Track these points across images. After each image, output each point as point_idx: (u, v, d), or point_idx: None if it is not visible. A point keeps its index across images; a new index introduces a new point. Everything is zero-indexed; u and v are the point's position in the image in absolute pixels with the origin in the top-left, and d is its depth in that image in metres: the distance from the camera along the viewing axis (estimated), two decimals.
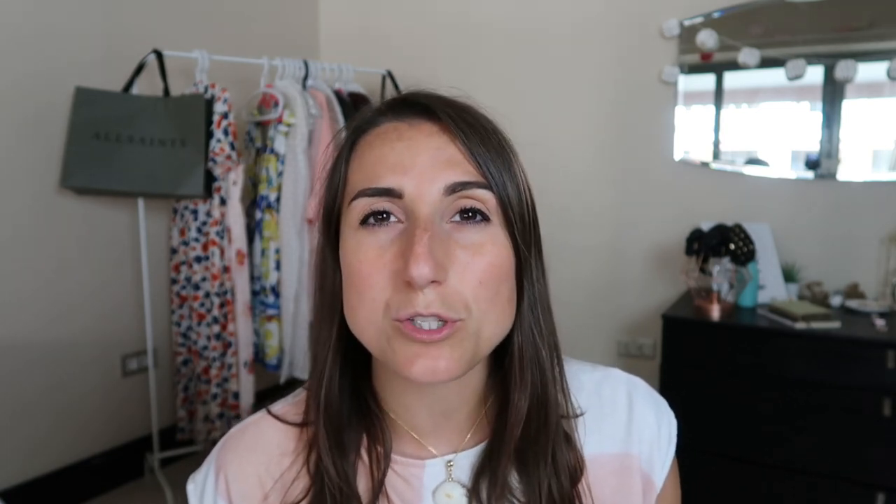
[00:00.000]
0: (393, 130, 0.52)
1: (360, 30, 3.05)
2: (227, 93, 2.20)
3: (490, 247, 0.50)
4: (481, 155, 0.51)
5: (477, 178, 0.50)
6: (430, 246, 0.47)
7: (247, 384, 2.26)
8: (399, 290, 0.48)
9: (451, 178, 0.49)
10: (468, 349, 0.50)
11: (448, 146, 0.51)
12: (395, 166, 0.50)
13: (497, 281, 0.50)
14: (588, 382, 0.62)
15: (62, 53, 2.17)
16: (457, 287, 0.48)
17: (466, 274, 0.49)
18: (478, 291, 0.49)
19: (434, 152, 0.50)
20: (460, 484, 0.57)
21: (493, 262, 0.50)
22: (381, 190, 0.50)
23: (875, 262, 2.16)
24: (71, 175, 2.06)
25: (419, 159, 0.50)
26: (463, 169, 0.50)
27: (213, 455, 0.61)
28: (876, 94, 2.16)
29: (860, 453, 1.77)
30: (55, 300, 2.21)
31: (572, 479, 0.56)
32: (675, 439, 0.62)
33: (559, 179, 2.59)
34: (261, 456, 0.59)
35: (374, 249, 0.49)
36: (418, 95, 0.54)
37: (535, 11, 2.63)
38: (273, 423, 0.60)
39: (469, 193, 0.50)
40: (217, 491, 0.58)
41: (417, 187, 0.49)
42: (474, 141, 0.51)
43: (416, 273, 0.46)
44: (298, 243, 2.27)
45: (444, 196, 0.49)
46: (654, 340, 2.49)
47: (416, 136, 0.51)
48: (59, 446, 2.25)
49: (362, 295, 0.50)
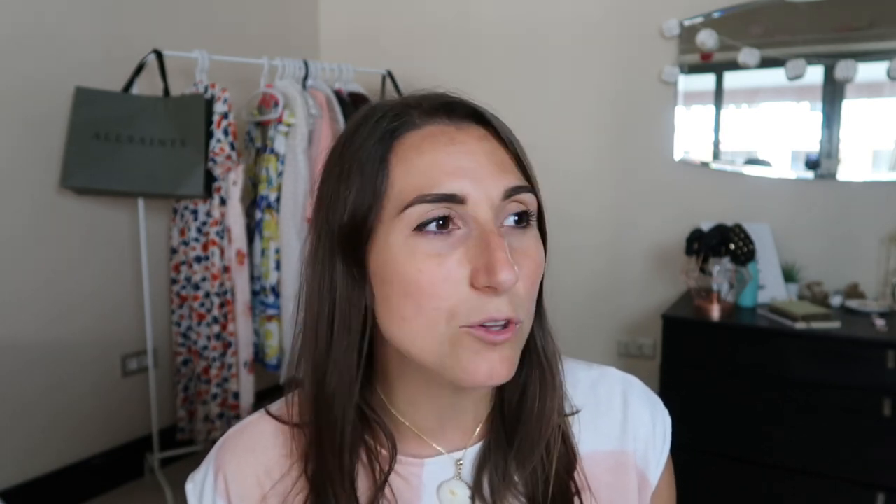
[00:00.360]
0: (441, 134, 0.51)
1: (360, 30, 3.05)
2: (227, 93, 2.20)
3: (534, 250, 0.52)
4: (524, 159, 0.53)
5: (524, 182, 0.52)
6: (508, 251, 0.48)
7: (247, 384, 2.26)
8: (470, 296, 0.48)
9: (507, 183, 0.50)
10: (519, 349, 0.52)
11: (498, 150, 0.52)
12: (454, 171, 0.49)
13: (537, 283, 0.52)
14: (584, 380, 0.63)
15: (62, 53, 2.17)
16: (519, 290, 0.50)
17: (523, 277, 0.50)
18: (529, 293, 0.51)
19: (489, 156, 0.50)
20: (464, 482, 0.57)
21: (539, 263, 0.52)
22: (443, 196, 0.48)
23: (875, 262, 2.16)
24: (71, 175, 2.06)
25: (476, 164, 0.50)
26: (514, 174, 0.51)
27: (212, 455, 0.61)
28: (876, 94, 2.16)
29: (860, 453, 1.77)
30: (55, 300, 2.21)
31: (567, 469, 0.57)
32: (669, 437, 0.63)
33: (559, 179, 2.59)
34: (259, 456, 0.59)
35: (434, 257, 0.48)
36: (460, 98, 0.54)
37: (535, 11, 2.63)
38: (272, 424, 0.60)
39: (520, 197, 0.51)
40: (216, 491, 0.59)
41: (478, 191, 0.49)
42: (518, 145, 0.53)
43: (504, 278, 0.46)
44: (298, 243, 2.27)
45: (502, 200, 0.50)
46: (654, 340, 2.49)
47: (468, 140, 0.51)
48: (59, 446, 2.25)
49: (422, 305, 0.48)
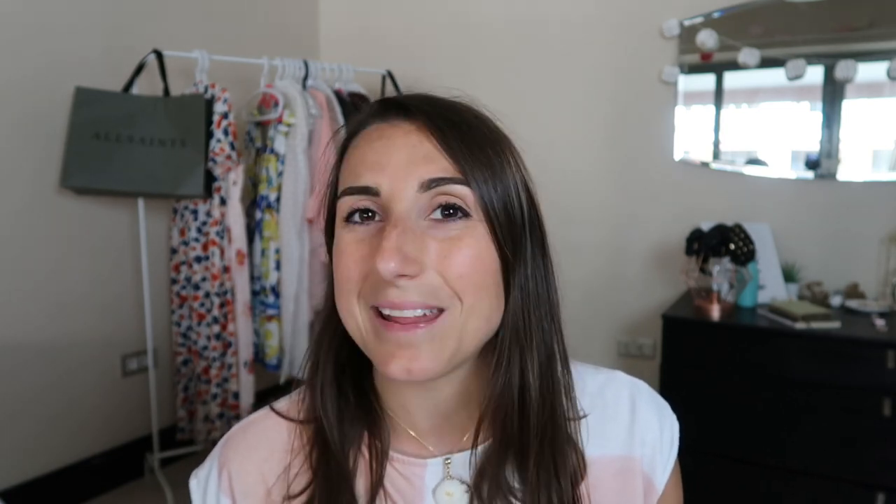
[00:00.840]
0: (375, 131, 0.53)
1: (360, 30, 3.05)
2: (227, 93, 2.20)
3: (469, 240, 0.50)
4: (459, 150, 0.50)
5: (454, 174, 0.50)
6: (400, 241, 0.47)
7: (247, 384, 2.26)
8: (375, 282, 0.49)
9: (426, 175, 0.50)
10: (449, 345, 0.50)
11: (423, 143, 0.51)
12: (374, 165, 0.51)
13: (480, 273, 0.50)
14: (591, 385, 0.62)
15: (62, 53, 2.17)
16: (435, 279, 0.49)
17: (446, 266, 0.49)
18: (461, 283, 0.49)
19: (410, 150, 0.51)
20: (462, 482, 0.57)
21: (473, 254, 0.50)
22: (360, 188, 0.51)
23: (875, 262, 2.16)
24: (71, 175, 2.06)
25: (394, 157, 0.50)
26: (439, 166, 0.50)
27: (217, 451, 0.61)
28: (876, 94, 2.16)
29: (860, 453, 1.77)
30: (55, 300, 2.21)
31: (573, 480, 0.56)
32: (677, 442, 0.63)
33: (559, 179, 2.59)
34: (263, 453, 0.59)
35: (353, 244, 0.51)
36: (400, 96, 0.55)
37: (534, 11, 2.63)
38: (276, 420, 0.60)
39: (445, 189, 0.50)
40: (220, 487, 0.59)
41: (392, 184, 0.50)
42: (452, 137, 0.51)
43: (382, 267, 0.47)
44: (298, 243, 2.27)
45: (420, 192, 0.50)
46: (654, 340, 2.49)
47: (394, 135, 0.52)
48: (59, 446, 2.25)
49: (341, 286, 0.52)
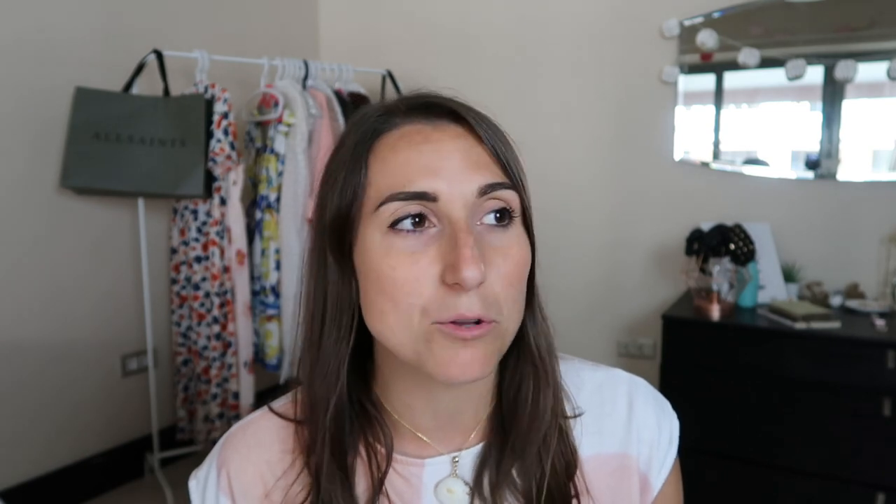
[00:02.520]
0: (417, 133, 0.52)
1: (360, 30, 3.05)
2: (227, 93, 2.20)
3: (516, 248, 0.51)
4: (505, 155, 0.52)
5: (503, 179, 0.51)
6: (476, 249, 0.47)
7: (247, 384, 2.26)
8: (440, 293, 0.48)
9: (482, 180, 0.50)
10: (497, 348, 0.51)
11: (475, 148, 0.51)
12: (426, 169, 0.50)
13: (521, 280, 0.52)
14: (589, 381, 0.63)
15: (62, 53, 2.17)
16: (492, 289, 0.49)
17: (500, 275, 0.50)
18: (508, 292, 0.50)
19: (463, 154, 0.51)
20: (462, 480, 0.57)
21: (519, 262, 0.51)
22: (415, 194, 0.49)
23: (875, 262, 2.16)
24: (71, 175, 2.06)
25: (449, 162, 0.50)
26: (491, 171, 0.51)
27: (216, 452, 0.61)
28: (876, 94, 2.16)
29: (860, 453, 1.77)
30: (55, 300, 2.21)
31: (567, 471, 0.57)
32: (676, 441, 0.62)
33: (559, 179, 2.59)
34: (263, 453, 0.59)
35: (407, 255, 0.49)
36: (439, 98, 0.54)
37: (534, 11, 2.63)
38: (275, 421, 0.60)
39: (498, 195, 0.51)
40: (219, 487, 0.59)
41: (451, 190, 0.49)
42: (497, 141, 0.52)
43: (468, 275, 0.46)
44: (298, 243, 2.27)
45: (477, 197, 0.50)
46: (654, 340, 2.49)
47: (443, 139, 0.51)
48: (59, 446, 2.24)
49: (397, 301, 0.49)
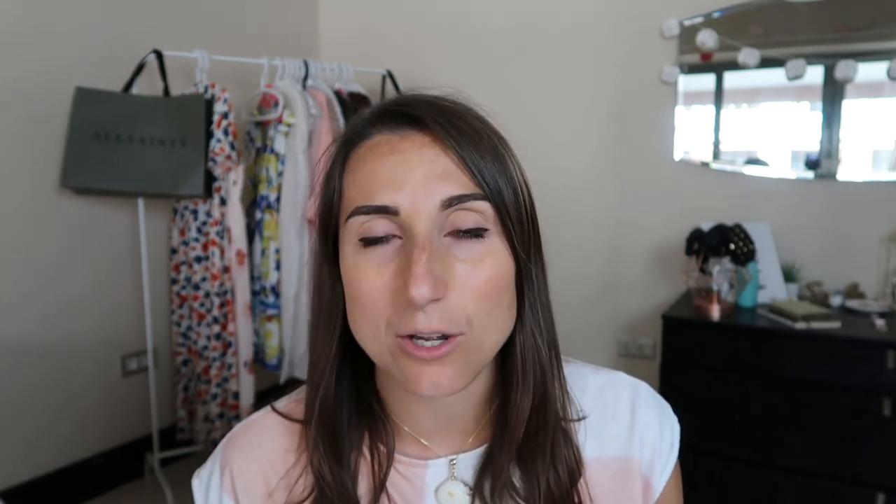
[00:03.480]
0: (385, 143, 0.51)
1: (360, 30, 3.05)
2: (227, 93, 2.20)
3: (489, 259, 0.50)
4: (475, 163, 0.49)
5: (473, 189, 0.49)
6: (429, 265, 0.46)
7: (247, 384, 2.26)
8: (399, 308, 0.48)
9: (446, 192, 0.48)
10: (470, 361, 0.50)
11: (441, 158, 0.49)
12: (390, 182, 0.49)
13: (497, 293, 0.50)
14: (592, 385, 0.62)
15: (62, 53, 2.17)
16: (457, 302, 0.48)
17: (466, 288, 0.48)
18: (479, 305, 0.49)
19: (428, 165, 0.49)
20: (463, 483, 0.57)
21: (493, 274, 0.49)
22: (377, 208, 0.49)
23: (875, 262, 2.16)
24: (71, 175, 2.06)
25: (413, 174, 0.48)
26: (458, 181, 0.49)
27: (219, 451, 0.61)
28: (876, 94, 2.16)
29: (860, 453, 1.77)
30: (55, 300, 2.21)
31: (571, 477, 0.56)
32: (677, 444, 0.62)
33: (559, 179, 2.59)
34: (266, 452, 0.59)
35: (374, 268, 0.49)
36: (407, 104, 0.52)
37: (534, 11, 2.63)
38: (278, 420, 0.60)
39: (466, 206, 0.49)
40: (222, 487, 0.59)
41: (413, 203, 0.48)
42: (467, 149, 0.49)
43: (415, 293, 0.45)
44: (298, 243, 2.27)
45: (441, 210, 0.48)
46: (654, 340, 2.49)
47: (409, 149, 0.50)
48: (59, 446, 2.25)
49: (365, 313, 0.50)
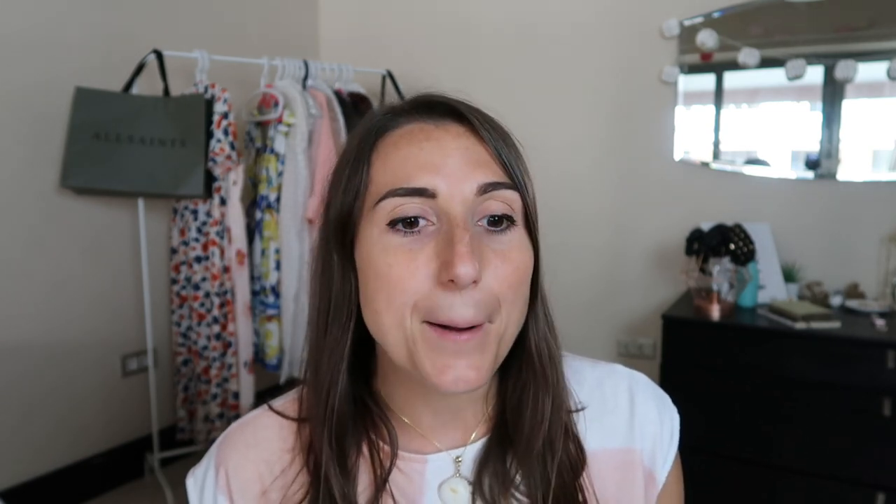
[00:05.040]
0: (419, 131, 0.52)
1: (360, 30, 3.05)
2: (227, 93, 2.20)
3: (516, 252, 0.51)
4: (507, 156, 0.51)
5: (505, 179, 0.51)
6: (471, 246, 0.47)
7: (247, 384, 2.26)
8: (435, 292, 0.48)
9: (482, 179, 0.50)
10: (493, 353, 0.50)
11: (476, 147, 0.51)
12: (427, 166, 0.50)
13: (521, 284, 0.51)
14: (590, 378, 0.63)
15: (62, 54, 2.17)
16: (489, 290, 0.49)
17: (496, 278, 0.49)
18: (506, 294, 0.50)
19: (464, 152, 0.50)
20: (466, 479, 0.57)
21: (519, 265, 0.51)
22: (414, 189, 0.49)
23: (875, 262, 2.16)
24: (71, 175, 2.06)
25: (450, 160, 0.50)
26: (492, 170, 0.51)
27: (214, 450, 0.60)
28: (876, 94, 2.15)
29: (860, 453, 1.77)
30: (55, 300, 2.21)
31: (574, 472, 0.56)
32: (677, 434, 0.63)
33: (559, 179, 2.59)
34: (261, 452, 0.59)
35: (405, 252, 0.49)
36: (442, 97, 0.54)
37: (534, 11, 2.63)
38: (274, 419, 0.60)
39: (499, 195, 0.50)
40: (217, 486, 0.58)
41: (450, 187, 0.49)
42: (500, 143, 0.52)
43: (462, 272, 0.46)
44: (298, 243, 2.27)
45: (476, 196, 0.49)
46: (654, 340, 2.49)
47: (445, 137, 0.51)
48: (60, 446, 2.25)
49: (392, 299, 0.49)
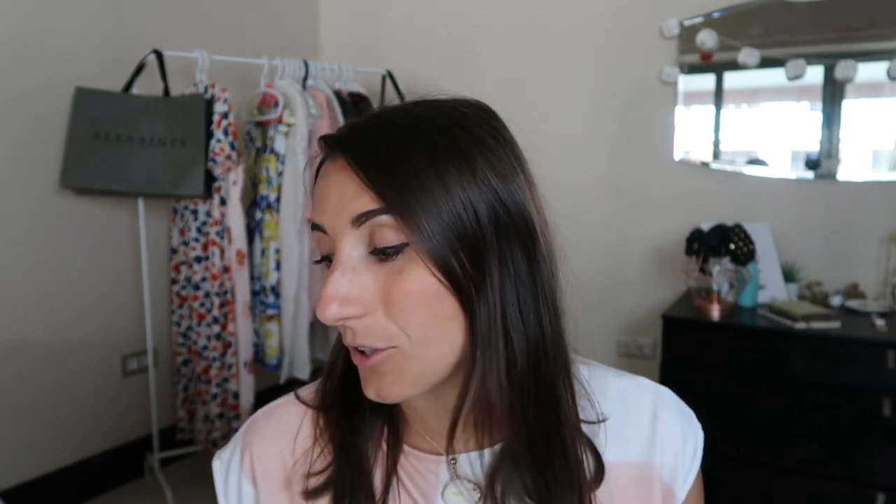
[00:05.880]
0: (324, 167, 0.54)
1: (360, 30, 3.05)
2: (227, 93, 2.20)
3: (411, 273, 0.49)
4: (383, 181, 0.49)
5: (379, 205, 0.49)
6: (338, 285, 0.49)
7: (247, 384, 2.26)
8: None
9: (354, 210, 0.49)
10: (412, 370, 0.51)
11: (353, 178, 0.50)
12: (318, 203, 0.52)
13: (426, 304, 0.49)
14: (613, 389, 0.62)
15: (62, 53, 2.17)
16: (381, 319, 0.49)
17: (390, 303, 0.49)
18: (406, 318, 0.49)
19: (341, 186, 0.50)
20: (473, 483, 0.57)
21: (417, 287, 0.48)
22: (315, 226, 0.53)
23: (875, 262, 2.16)
24: (71, 175, 2.06)
25: (332, 195, 0.51)
26: (365, 199, 0.49)
27: (240, 434, 0.62)
28: (876, 94, 2.16)
29: (860, 453, 1.77)
30: (55, 300, 2.21)
31: (591, 484, 0.56)
32: (700, 452, 0.62)
33: (559, 179, 2.59)
34: (286, 437, 0.60)
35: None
36: (340, 130, 0.54)
37: (534, 11, 2.63)
38: (300, 407, 0.62)
39: (376, 222, 0.49)
40: (242, 469, 0.60)
41: (331, 223, 0.51)
42: (375, 168, 0.49)
43: (321, 316, 0.49)
44: (298, 243, 2.27)
45: (353, 227, 0.49)
46: (654, 340, 2.49)
47: (331, 172, 0.52)
48: (60, 446, 2.25)
49: None
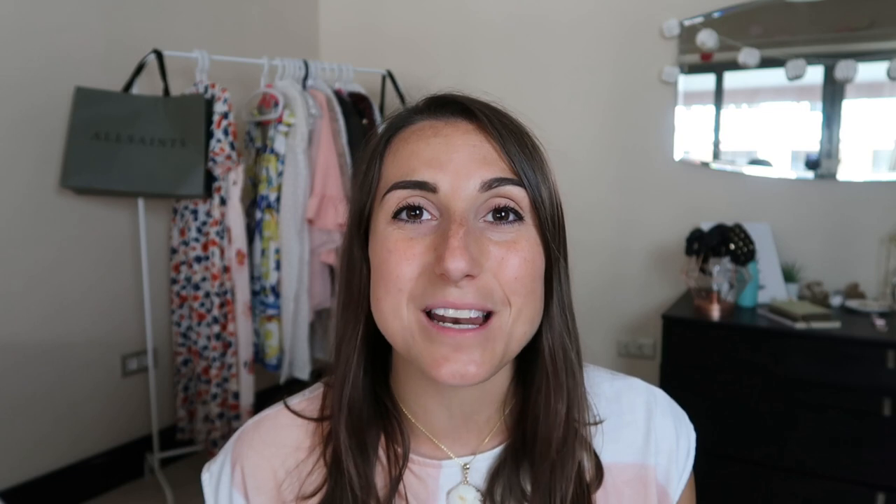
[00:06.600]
0: (429, 127, 0.53)
1: (360, 29, 3.05)
2: (227, 93, 2.20)
3: (524, 243, 0.50)
4: (515, 154, 0.51)
5: (511, 175, 0.50)
6: (466, 240, 0.47)
7: (247, 384, 2.26)
8: (429, 284, 0.48)
9: (486, 175, 0.50)
10: (498, 350, 0.49)
11: (484, 144, 0.51)
12: (431, 161, 0.50)
13: (531, 277, 0.50)
14: (608, 390, 0.62)
15: (62, 53, 2.17)
16: (492, 282, 0.48)
17: (502, 269, 0.49)
18: (514, 286, 0.49)
19: (470, 149, 0.50)
20: (475, 487, 0.56)
21: (527, 257, 0.50)
22: (416, 183, 0.50)
23: (875, 262, 2.16)
24: (71, 175, 2.06)
25: (455, 155, 0.50)
26: (498, 167, 0.50)
27: (230, 446, 0.61)
28: (876, 94, 2.16)
29: (860, 453, 1.77)
30: (55, 300, 2.20)
31: (590, 486, 0.56)
32: (693, 453, 0.62)
33: (559, 179, 2.58)
34: (277, 449, 0.59)
35: (404, 240, 0.49)
36: (455, 95, 0.54)
37: (534, 11, 2.63)
38: (290, 418, 0.60)
39: (504, 191, 0.50)
40: (233, 482, 0.59)
41: (453, 183, 0.49)
42: (509, 140, 0.51)
43: (452, 266, 0.45)
44: (298, 243, 2.27)
45: (480, 192, 0.49)
46: (654, 340, 2.49)
47: (453, 134, 0.51)
48: (60, 446, 2.24)
49: (388, 285, 0.49)
